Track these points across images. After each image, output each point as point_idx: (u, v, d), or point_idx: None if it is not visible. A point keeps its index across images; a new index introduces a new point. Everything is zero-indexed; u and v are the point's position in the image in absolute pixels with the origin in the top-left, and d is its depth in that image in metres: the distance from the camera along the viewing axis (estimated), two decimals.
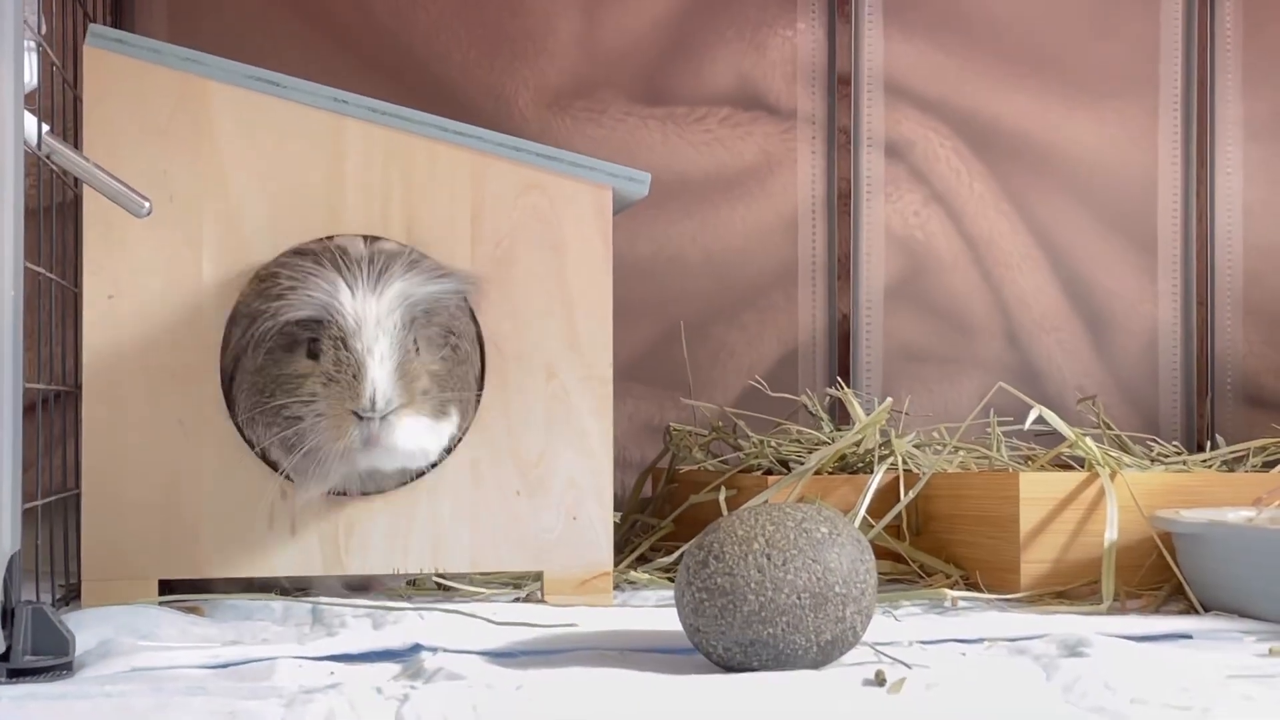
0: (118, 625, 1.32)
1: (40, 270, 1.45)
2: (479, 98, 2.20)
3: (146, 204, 1.33)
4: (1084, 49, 2.39)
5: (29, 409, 1.25)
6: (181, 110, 1.49)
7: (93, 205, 1.44)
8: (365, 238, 1.48)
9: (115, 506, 1.44)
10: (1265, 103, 2.41)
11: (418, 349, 1.41)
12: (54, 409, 1.61)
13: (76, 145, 1.47)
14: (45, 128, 1.29)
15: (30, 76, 1.27)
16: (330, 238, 1.48)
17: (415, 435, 1.40)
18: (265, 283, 1.43)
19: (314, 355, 1.39)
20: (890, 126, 2.35)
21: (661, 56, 2.30)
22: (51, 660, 1.13)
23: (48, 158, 1.31)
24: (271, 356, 1.41)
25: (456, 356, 1.47)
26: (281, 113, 1.50)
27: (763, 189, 2.32)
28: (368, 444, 1.37)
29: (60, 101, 1.60)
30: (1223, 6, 2.41)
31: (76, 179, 1.40)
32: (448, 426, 1.46)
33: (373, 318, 1.38)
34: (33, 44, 1.28)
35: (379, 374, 1.36)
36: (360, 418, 1.36)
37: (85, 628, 1.27)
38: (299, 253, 1.45)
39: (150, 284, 1.47)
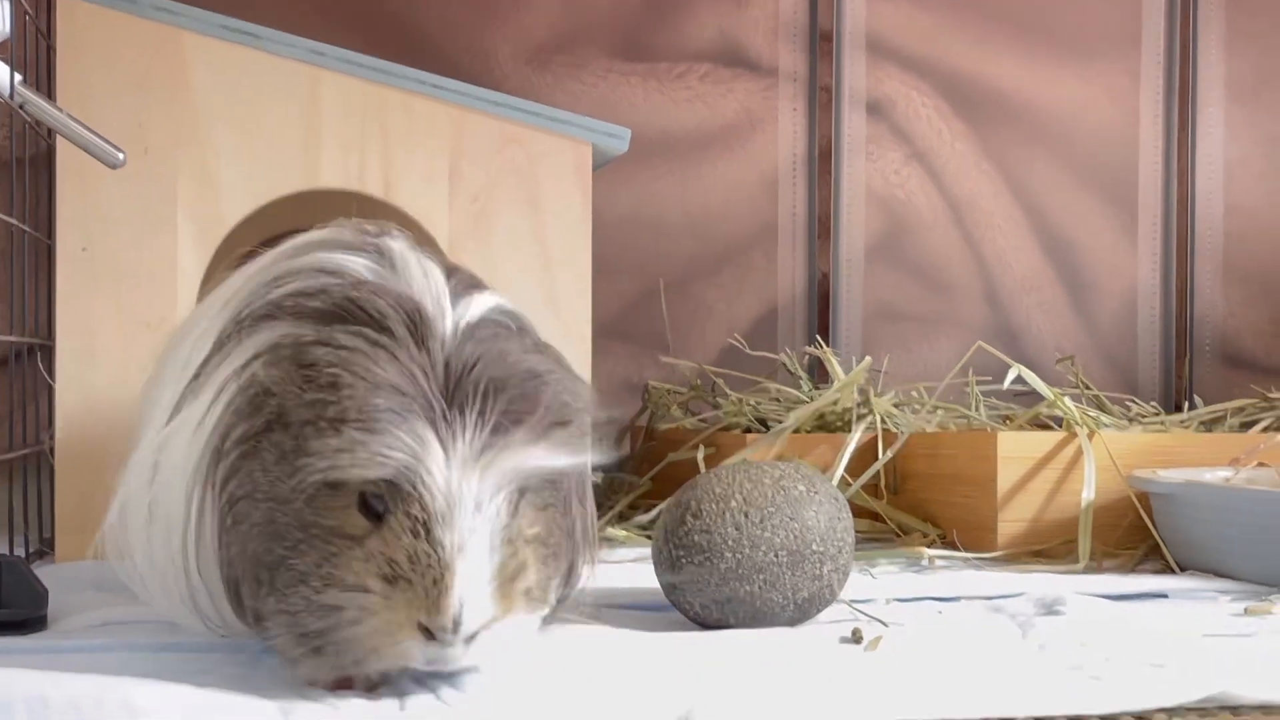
0: (92, 579, 1.32)
1: (13, 222, 1.44)
2: (458, 52, 2.19)
3: (121, 155, 1.32)
4: (1067, 8, 2.39)
5: (1, 363, 1.24)
6: (157, 61, 1.48)
7: (66, 157, 1.43)
8: (445, 271, 1.01)
9: (89, 460, 1.44)
10: (1248, 62, 2.41)
11: (516, 510, 0.92)
12: (27, 363, 1.60)
13: (50, 96, 1.46)
14: (18, 77, 1.27)
15: (2, 25, 1.26)
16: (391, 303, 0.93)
17: (504, 647, 0.91)
18: (309, 370, 0.89)
19: (376, 516, 0.89)
20: (872, 85, 2.34)
21: (642, 12, 2.29)
22: (25, 614, 1.13)
23: (20, 108, 1.29)
24: (309, 496, 0.90)
25: (558, 499, 0.99)
26: (258, 64, 1.50)
27: (743, 146, 2.31)
28: (434, 667, 0.89)
29: (33, 51, 1.58)
30: None
31: (50, 130, 1.39)
32: (544, 608, 0.96)
33: (471, 499, 0.88)
34: None
35: (471, 586, 0.87)
36: (431, 637, 0.87)
37: (59, 582, 1.26)
38: (353, 324, 0.92)
39: (125, 236, 1.46)
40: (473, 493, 0.88)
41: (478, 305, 0.97)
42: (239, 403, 0.93)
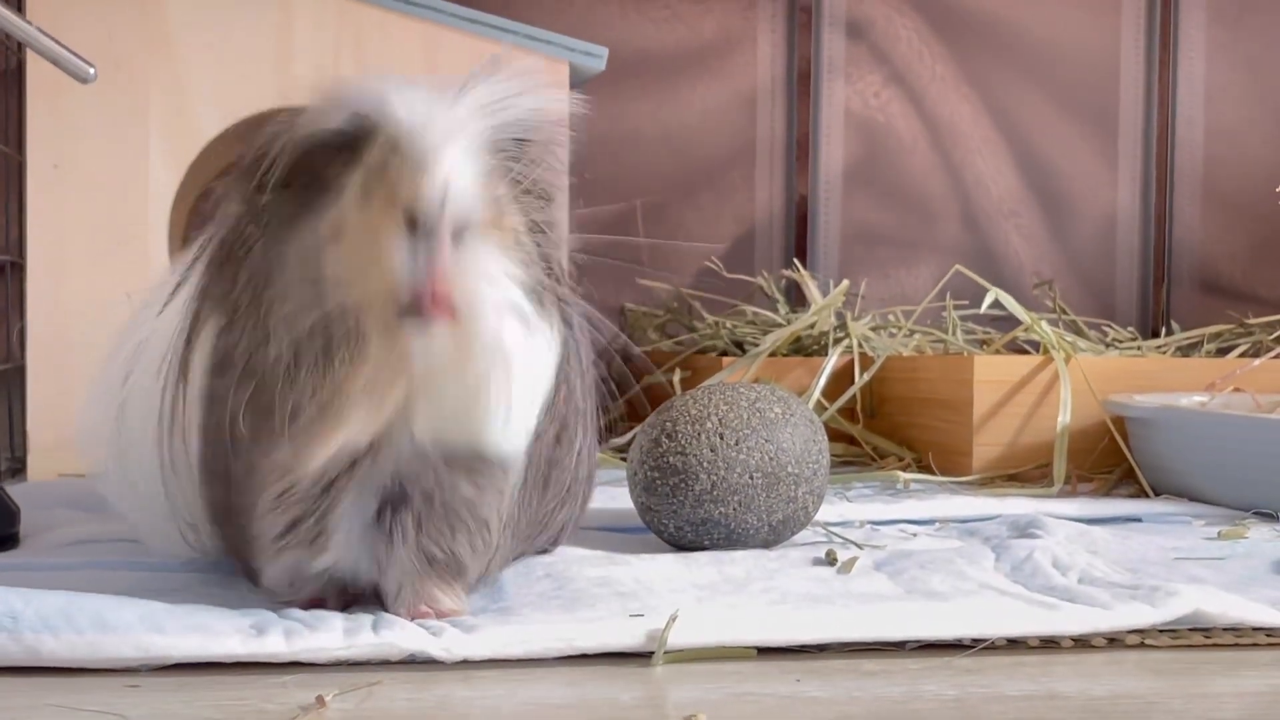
0: (65, 497, 1.32)
1: None
2: None
3: (91, 70, 1.30)
4: None
5: None
6: None
7: (36, 72, 1.42)
8: None
9: (60, 378, 1.43)
10: None
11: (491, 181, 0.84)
12: None
13: (19, 9, 1.44)
14: None
15: None
16: None
17: (503, 296, 0.82)
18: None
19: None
20: (852, 5, 2.33)
21: None
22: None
23: None
24: (274, 229, 0.85)
25: (546, 248, 0.91)
26: None
27: (721, 67, 2.30)
28: (428, 281, 0.79)
29: None
30: None
31: (19, 44, 1.38)
32: (545, 345, 0.87)
33: (447, 116, 0.81)
34: None
35: (453, 160, 0.79)
36: (417, 226, 0.78)
37: (32, 499, 1.26)
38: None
39: (96, 153, 1.45)
40: (449, 113, 0.82)
41: None
42: (210, 256, 0.90)
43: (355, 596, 0.94)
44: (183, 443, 0.92)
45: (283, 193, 0.85)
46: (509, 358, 0.83)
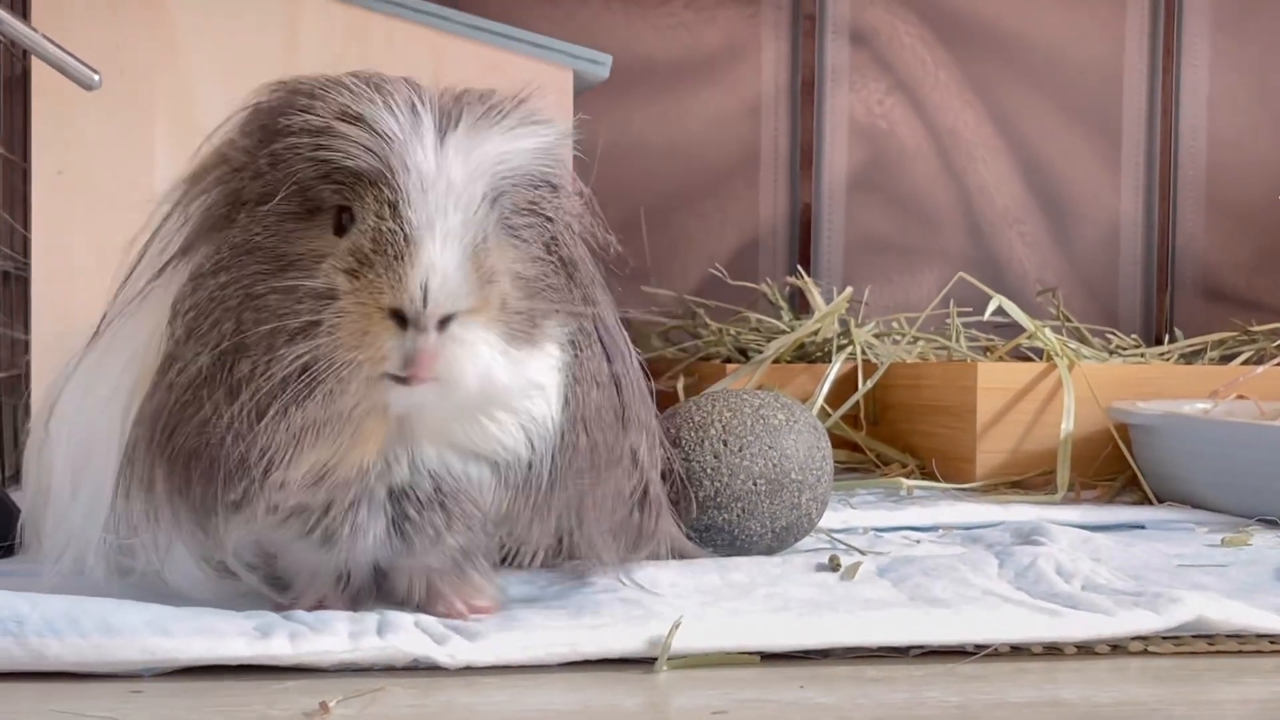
0: None
1: None
2: None
3: (96, 77, 1.31)
4: None
5: None
6: None
7: (41, 78, 1.42)
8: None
9: None
10: None
11: (486, 241, 0.87)
12: (2, 288, 1.59)
13: (24, 16, 1.44)
14: None
15: None
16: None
17: (488, 362, 0.85)
18: (281, 116, 0.88)
19: (341, 231, 0.86)
20: (856, 13, 2.33)
21: None
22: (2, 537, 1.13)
23: None
24: (273, 228, 0.87)
25: (556, 256, 0.94)
26: None
27: (726, 75, 2.30)
28: (410, 367, 0.83)
29: None
30: None
31: (25, 51, 1.38)
32: (540, 362, 0.90)
33: (444, 182, 0.85)
34: None
35: (440, 259, 0.83)
36: (403, 322, 0.82)
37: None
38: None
39: (101, 160, 1.45)
40: (446, 172, 0.85)
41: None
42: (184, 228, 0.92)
43: (358, 597, 0.94)
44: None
45: (270, 215, 0.87)
46: (497, 391, 0.86)
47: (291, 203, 0.87)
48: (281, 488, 0.85)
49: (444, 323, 0.83)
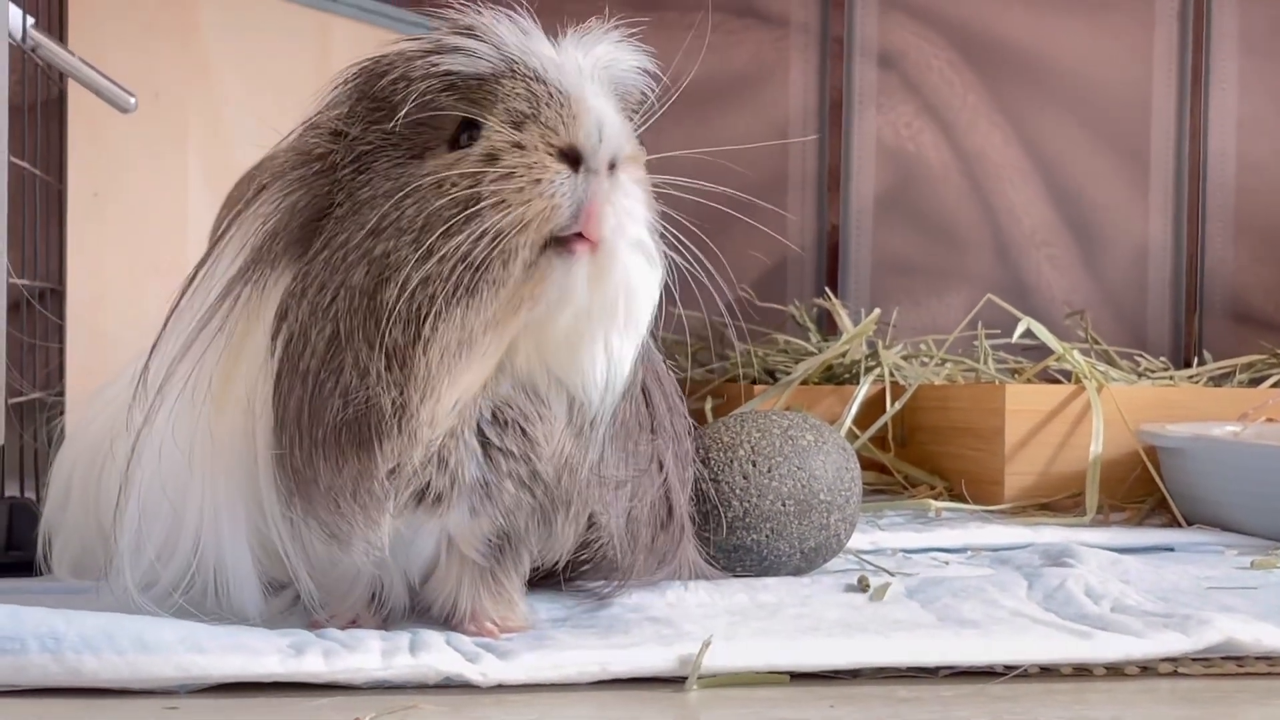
0: None
1: (25, 166, 1.44)
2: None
3: (132, 99, 1.32)
4: None
5: (13, 307, 1.25)
6: (166, 6, 1.47)
7: (78, 101, 1.43)
8: None
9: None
10: (1263, 15, 2.40)
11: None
12: (38, 308, 1.60)
13: (62, 40, 1.45)
14: (30, 21, 1.27)
15: None
16: None
17: (639, 229, 0.89)
18: (377, 69, 0.90)
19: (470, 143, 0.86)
20: (883, 36, 2.34)
21: None
22: (34, 555, 1.13)
23: (33, 51, 1.29)
24: (385, 174, 0.87)
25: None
26: (267, 9, 1.50)
27: (754, 97, 2.31)
28: (584, 218, 0.84)
29: None
30: None
31: (61, 74, 1.39)
32: (656, 285, 0.95)
33: (573, 64, 0.87)
34: None
35: (603, 105, 0.86)
36: (574, 165, 0.84)
37: None
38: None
39: (135, 181, 1.46)
40: (573, 59, 0.87)
41: None
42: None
43: (390, 617, 0.95)
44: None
45: (386, 133, 0.87)
46: (632, 293, 0.89)
47: (401, 144, 0.87)
48: (435, 423, 0.85)
49: (612, 168, 0.85)
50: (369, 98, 0.89)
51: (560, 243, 0.84)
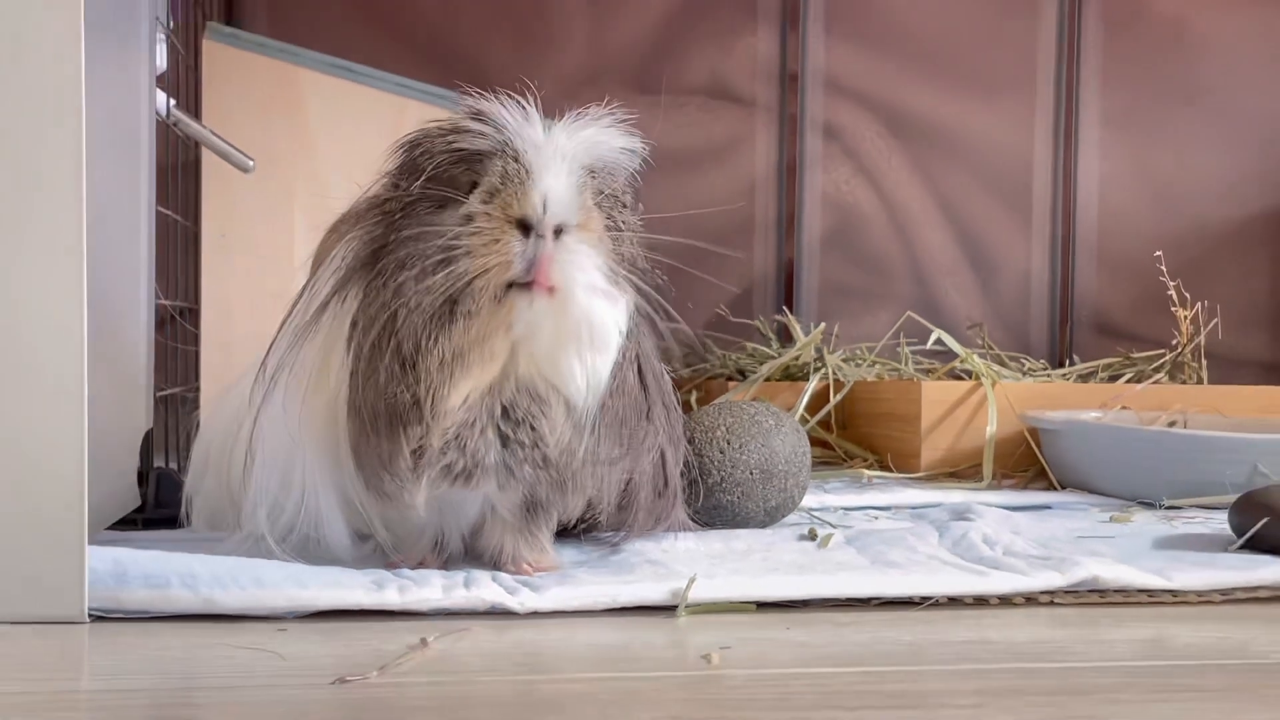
0: None
1: (169, 213, 1.44)
2: (510, 85, 2.18)
3: (251, 163, 1.32)
4: (980, 53, 2.37)
5: (160, 322, 1.25)
6: (279, 91, 1.47)
7: (210, 164, 1.43)
8: None
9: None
10: (1119, 98, 2.40)
11: (586, 189, 0.89)
12: (180, 322, 1.60)
13: (197, 116, 1.46)
14: (172, 102, 1.27)
15: (161, 61, 1.26)
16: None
17: (590, 278, 0.86)
18: (420, 138, 0.91)
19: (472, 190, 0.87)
20: (828, 113, 2.33)
21: (651, 56, 2.28)
22: (176, 512, 1.13)
23: (174, 126, 1.29)
24: (415, 219, 0.87)
25: (620, 241, 0.93)
26: (356, 94, 1.49)
27: (728, 161, 2.31)
28: (534, 271, 0.84)
29: (184, 82, 1.58)
30: (1087, 23, 2.39)
31: (197, 143, 1.39)
32: (623, 307, 0.91)
33: (552, 146, 0.87)
34: (162, 35, 1.27)
35: (554, 183, 0.85)
36: (526, 230, 0.84)
37: None
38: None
39: (254, 226, 1.46)
40: (554, 141, 0.87)
41: None
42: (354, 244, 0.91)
43: (450, 560, 0.95)
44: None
45: (423, 191, 0.87)
46: (594, 323, 0.86)
47: (430, 198, 0.87)
48: (447, 415, 0.85)
49: (558, 234, 0.84)
50: (410, 162, 0.90)
51: (524, 286, 0.84)
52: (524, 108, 0.88)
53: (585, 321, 0.86)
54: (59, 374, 0.79)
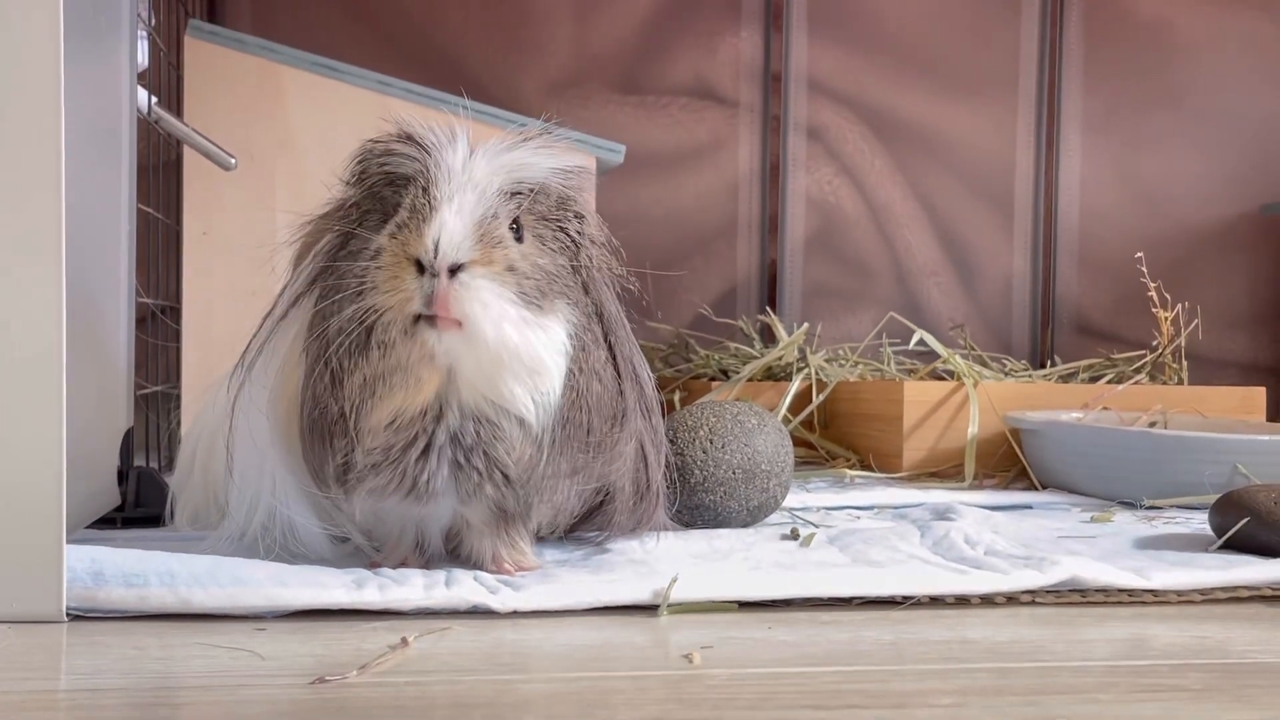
0: None
1: (150, 211, 1.43)
2: (494, 86, 2.18)
3: (233, 160, 1.31)
4: (962, 56, 2.38)
5: (141, 320, 1.24)
6: (260, 89, 1.47)
7: (191, 162, 1.43)
8: None
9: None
10: (1100, 101, 2.40)
11: (518, 232, 0.88)
12: (161, 320, 1.59)
13: (178, 114, 1.45)
14: (154, 99, 1.27)
15: (142, 59, 1.25)
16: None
17: (498, 310, 0.84)
18: (365, 153, 0.93)
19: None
20: (811, 115, 2.33)
21: (635, 57, 2.28)
22: (157, 511, 1.13)
23: (156, 123, 1.29)
24: (360, 234, 0.88)
25: (575, 268, 0.92)
26: (338, 92, 1.49)
27: (711, 162, 2.31)
28: (430, 305, 0.83)
29: (166, 79, 1.57)
30: (1069, 27, 2.40)
31: (178, 141, 1.38)
32: (556, 328, 0.88)
33: (466, 175, 0.86)
34: (144, 33, 1.26)
35: (451, 222, 0.84)
36: (422, 269, 0.83)
37: None
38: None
39: (234, 223, 1.45)
40: (470, 169, 0.86)
41: None
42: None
43: (432, 559, 0.95)
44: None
45: (359, 214, 0.90)
46: (516, 351, 0.85)
47: (372, 215, 0.89)
48: (369, 433, 0.85)
49: (455, 272, 0.83)
50: (356, 175, 0.91)
51: (430, 319, 0.84)
52: (453, 130, 0.88)
53: (504, 350, 0.85)
54: (37, 372, 0.79)
